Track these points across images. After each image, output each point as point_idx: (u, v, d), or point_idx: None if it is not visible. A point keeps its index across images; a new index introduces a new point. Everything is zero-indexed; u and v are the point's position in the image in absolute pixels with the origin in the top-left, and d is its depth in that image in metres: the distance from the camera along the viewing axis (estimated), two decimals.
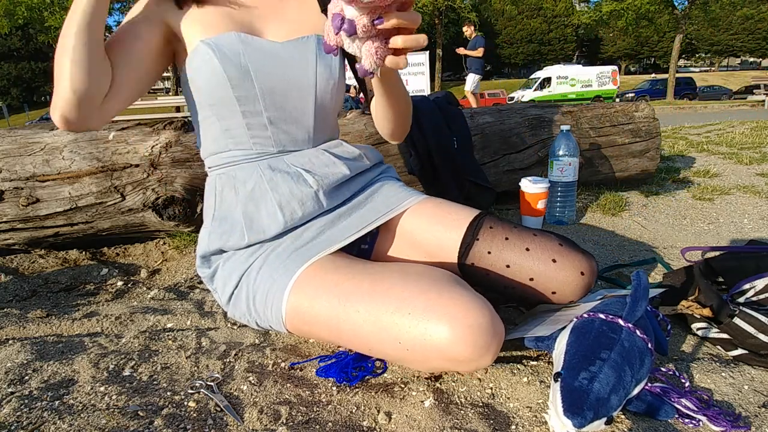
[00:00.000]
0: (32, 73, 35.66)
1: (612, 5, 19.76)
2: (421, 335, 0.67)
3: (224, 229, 0.87)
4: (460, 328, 0.64)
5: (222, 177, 0.90)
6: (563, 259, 0.81)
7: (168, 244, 1.59)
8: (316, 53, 0.88)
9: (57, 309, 1.16)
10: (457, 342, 0.64)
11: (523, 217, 1.66)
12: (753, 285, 0.89)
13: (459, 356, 0.65)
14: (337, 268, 0.78)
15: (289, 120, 0.89)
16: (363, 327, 0.72)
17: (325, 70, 0.89)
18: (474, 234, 0.86)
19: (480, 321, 0.65)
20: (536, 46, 39.19)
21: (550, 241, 0.83)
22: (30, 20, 15.81)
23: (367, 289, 0.73)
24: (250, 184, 0.87)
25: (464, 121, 1.72)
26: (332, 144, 0.95)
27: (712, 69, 44.19)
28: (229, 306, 0.88)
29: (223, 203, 0.89)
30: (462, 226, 0.87)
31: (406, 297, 0.69)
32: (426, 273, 0.74)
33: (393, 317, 0.69)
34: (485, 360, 0.66)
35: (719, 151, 3.06)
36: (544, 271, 0.81)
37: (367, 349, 0.75)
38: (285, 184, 0.86)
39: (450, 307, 0.66)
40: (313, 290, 0.77)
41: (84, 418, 0.68)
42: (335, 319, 0.74)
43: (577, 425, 0.59)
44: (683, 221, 1.71)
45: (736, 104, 16.13)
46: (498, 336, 0.67)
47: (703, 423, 0.67)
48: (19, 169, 1.39)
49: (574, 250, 0.83)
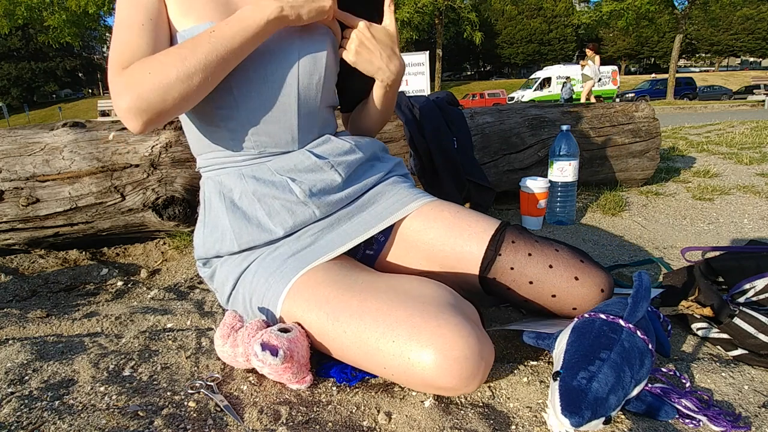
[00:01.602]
0: (32, 73, 35.66)
1: (612, 5, 19.74)
2: (405, 364, 0.65)
3: (216, 237, 0.85)
4: (445, 360, 0.63)
5: (209, 182, 0.88)
6: (585, 277, 0.80)
7: (168, 244, 1.59)
8: (299, 44, 0.83)
9: (57, 309, 1.16)
10: (442, 373, 0.63)
11: (523, 217, 1.66)
12: (753, 285, 0.89)
13: (444, 386, 0.64)
14: (330, 280, 0.76)
15: (269, 120, 0.83)
16: (350, 348, 0.71)
17: (309, 63, 0.83)
18: (496, 248, 0.83)
19: (466, 352, 0.63)
20: (536, 46, 39.18)
21: (572, 257, 0.82)
22: (30, 20, 15.80)
23: (355, 308, 0.71)
24: (237, 193, 0.85)
25: (464, 122, 1.72)
26: (319, 141, 0.90)
27: (712, 69, 44.19)
28: (228, 305, 0.87)
29: (212, 210, 0.87)
30: (483, 239, 0.85)
31: (391, 322, 0.68)
32: (417, 292, 0.72)
33: (378, 343, 0.68)
34: (471, 387, 0.65)
35: (719, 151, 3.05)
36: (566, 288, 0.80)
37: (356, 365, 0.75)
38: (271, 195, 0.83)
39: (436, 336, 0.64)
40: (304, 302, 0.75)
41: (84, 418, 0.68)
42: (325, 335, 0.74)
43: (575, 424, 0.59)
44: (683, 221, 1.71)
45: (736, 104, 16.13)
46: (485, 362, 0.65)
47: (703, 423, 0.67)
48: (19, 169, 1.39)
49: (595, 267, 0.82)
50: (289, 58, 0.82)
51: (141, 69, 0.72)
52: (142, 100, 0.70)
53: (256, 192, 0.83)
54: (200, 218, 0.90)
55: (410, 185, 0.97)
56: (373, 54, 0.88)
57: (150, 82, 0.70)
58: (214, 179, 0.87)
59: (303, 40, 0.83)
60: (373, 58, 0.88)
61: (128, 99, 0.70)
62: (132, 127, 0.73)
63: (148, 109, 0.71)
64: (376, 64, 0.89)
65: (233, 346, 0.76)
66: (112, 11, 17.09)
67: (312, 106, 0.87)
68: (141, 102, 0.71)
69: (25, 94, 35.94)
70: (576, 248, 0.86)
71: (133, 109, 0.71)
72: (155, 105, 0.71)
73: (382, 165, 0.97)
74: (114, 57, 0.75)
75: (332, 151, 0.89)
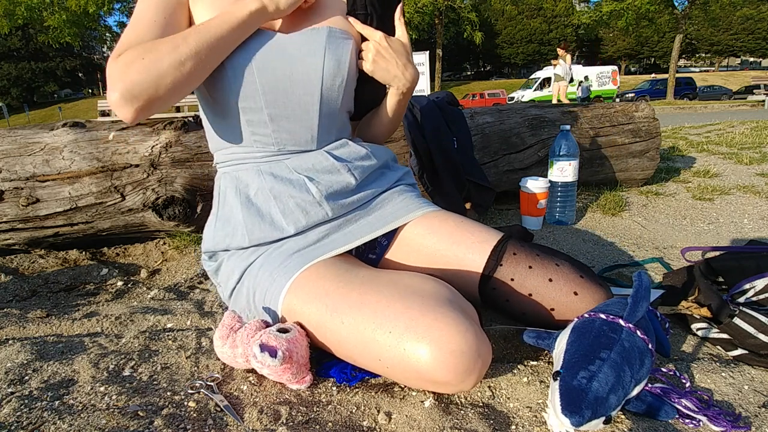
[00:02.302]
0: (32, 73, 35.67)
1: (612, 5, 19.74)
2: (400, 355, 0.65)
3: (227, 232, 0.87)
4: (441, 353, 0.63)
5: (226, 177, 0.90)
6: (584, 292, 0.81)
7: (168, 244, 1.59)
8: (325, 47, 0.85)
9: (57, 309, 1.16)
10: (437, 366, 0.63)
11: (523, 217, 1.66)
12: (753, 285, 0.89)
13: (439, 380, 0.64)
14: (332, 275, 0.77)
15: (291, 118, 0.86)
16: (347, 339, 0.71)
17: (333, 65, 0.86)
18: (497, 259, 0.85)
19: (462, 347, 0.63)
20: (536, 46, 39.18)
21: (573, 272, 0.83)
22: (30, 20, 15.80)
23: (354, 300, 0.72)
24: (253, 189, 0.86)
25: (464, 122, 1.72)
26: (337, 144, 0.92)
27: (712, 69, 44.19)
28: (230, 301, 0.88)
29: (226, 205, 0.89)
30: (485, 249, 0.86)
31: (389, 314, 0.68)
32: (415, 286, 0.73)
33: (374, 334, 0.68)
34: (467, 384, 0.65)
35: (719, 151, 3.06)
36: (565, 303, 0.81)
37: (352, 360, 0.75)
38: (288, 193, 0.85)
39: (433, 330, 0.64)
40: (305, 295, 0.76)
41: (84, 418, 0.68)
42: (323, 327, 0.74)
43: (575, 424, 0.59)
44: (683, 221, 1.71)
45: (736, 104, 16.13)
46: (482, 359, 0.65)
47: (703, 423, 0.67)
48: (19, 169, 1.39)
49: (595, 283, 0.83)
50: (315, 59, 0.84)
51: (134, 55, 0.73)
52: (135, 85, 0.71)
53: (273, 189, 0.85)
54: (213, 212, 0.92)
55: (417, 194, 1.00)
56: (390, 63, 0.91)
57: (143, 68, 0.72)
58: (231, 174, 0.89)
59: (329, 42, 0.86)
60: (390, 67, 0.92)
61: (121, 85, 0.71)
62: (124, 115, 0.73)
63: (140, 95, 0.72)
64: (392, 72, 0.92)
65: (232, 347, 0.76)
66: (112, 11, 17.09)
67: (333, 108, 0.89)
68: (133, 87, 0.71)
69: (25, 94, 35.94)
70: (578, 262, 0.87)
71: (126, 95, 0.71)
72: (147, 91, 0.72)
73: (392, 173, 1.00)
74: (116, 48, 0.76)
75: (350, 155, 0.91)
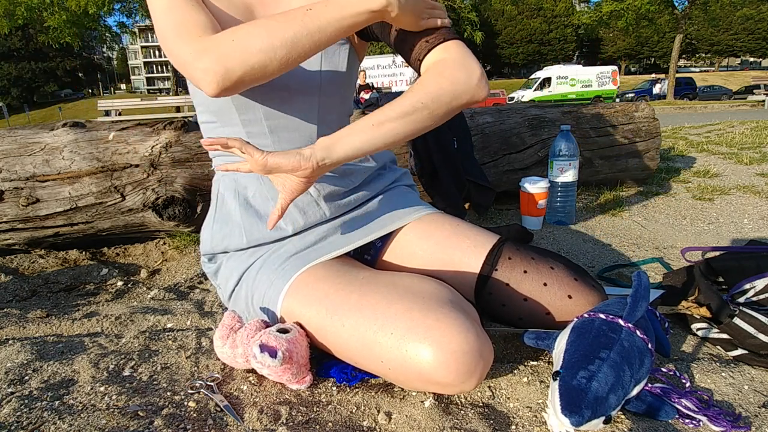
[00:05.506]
0: (32, 73, 35.71)
1: (612, 5, 19.74)
2: (402, 357, 0.65)
3: (225, 233, 0.87)
4: (443, 354, 0.63)
5: (225, 179, 0.90)
6: (578, 295, 0.81)
7: (168, 244, 1.59)
8: (321, 55, 0.84)
9: (57, 309, 1.16)
10: (439, 367, 0.63)
11: (523, 217, 1.66)
12: (753, 285, 0.89)
13: (441, 380, 0.64)
14: (330, 277, 0.77)
15: (290, 127, 0.86)
16: (348, 342, 0.71)
17: (330, 72, 0.85)
18: (493, 264, 0.84)
19: (464, 347, 0.63)
20: (536, 46, 39.21)
21: (567, 276, 0.83)
22: (30, 20, 15.79)
23: (354, 302, 0.72)
24: (251, 190, 0.86)
25: (464, 122, 1.72)
26: None
27: (712, 69, 44.19)
28: (230, 302, 0.88)
29: (224, 206, 0.89)
30: (481, 254, 0.85)
31: (390, 315, 0.68)
32: (415, 287, 0.73)
33: (376, 336, 0.68)
34: (469, 385, 0.65)
35: (719, 151, 3.06)
36: (560, 307, 0.81)
37: (353, 362, 0.75)
38: None
39: (434, 330, 0.64)
40: (304, 297, 0.76)
41: (84, 418, 0.68)
42: (323, 330, 0.74)
43: (575, 424, 0.59)
44: (683, 221, 1.71)
45: (736, 104, 16.14)
46: (484, 360, 0.65)
47: (703, 423, 0.67)
48: (19, 169, 1.39)
49: (589, 286, 0.83)
50: (312, 69, 0.83)
51: (226, 36, 0.69)
52: (221, 64, 0.68)
53: (271, 191, 0.85)
54: (210, 214, 0.92)
55: (415, 195, 0.99)
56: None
57: (232, 48, 0.68)
58: (230, 176, 0.89)
59: (325, 50, 0.83)
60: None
61: (208, 61, 0.68)
62: (207, 89, 0.69)
63: (226, 74, 0.68)
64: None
65: (232, 347, 0.76)
66: (112, 11, 17.09)
67: (332, 114, 0.89)
68: (220, 66, 0.67)
69: (25, 94, 35.94)
70: (573, 264, 0.87)
71: (211, 72, 0.68)
72: (234, 71, 0.68)
73: (390, 174, 0.99)
74: (177, 31, 0.71)
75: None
